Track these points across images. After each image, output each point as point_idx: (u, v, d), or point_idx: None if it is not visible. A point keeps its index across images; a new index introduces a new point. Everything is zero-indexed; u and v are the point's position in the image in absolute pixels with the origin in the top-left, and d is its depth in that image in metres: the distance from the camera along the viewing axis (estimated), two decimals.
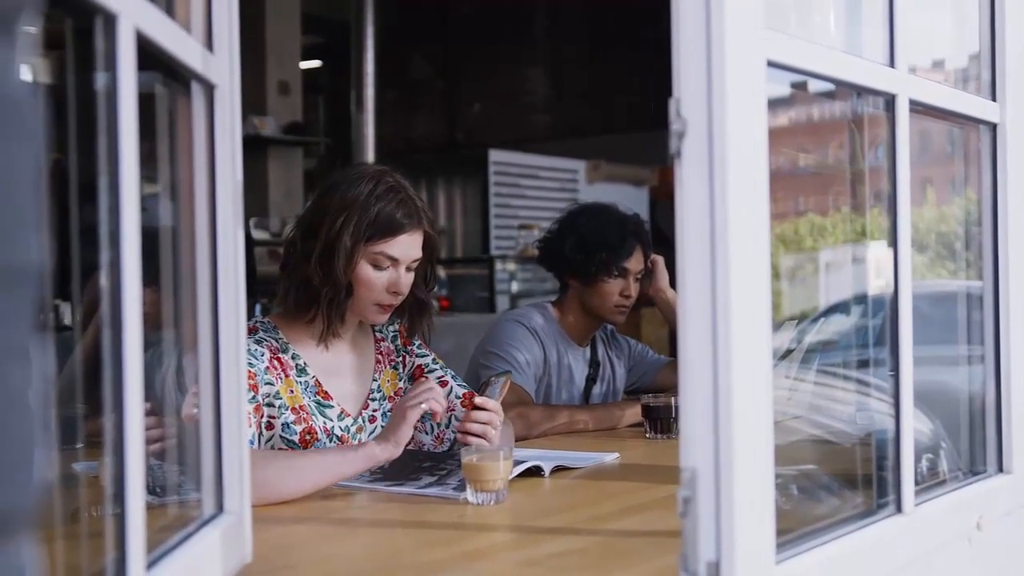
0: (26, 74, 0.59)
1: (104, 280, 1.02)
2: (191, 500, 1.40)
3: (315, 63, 10.28)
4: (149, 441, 1.35)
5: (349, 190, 2.19)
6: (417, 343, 2.46)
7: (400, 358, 2.43)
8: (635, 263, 3.02)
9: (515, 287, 7.59)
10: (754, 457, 1.19)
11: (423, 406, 2.02)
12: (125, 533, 1.00)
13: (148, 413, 1.08)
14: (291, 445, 2.17)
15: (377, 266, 2.20)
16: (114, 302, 1.00)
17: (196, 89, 1.34)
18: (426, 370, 2.43)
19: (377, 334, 2.42)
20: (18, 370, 0.56)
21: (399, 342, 2.44)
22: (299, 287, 2.21)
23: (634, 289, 3.03)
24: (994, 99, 1.80)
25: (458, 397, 2.37)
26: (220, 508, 1.37)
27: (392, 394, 2.37)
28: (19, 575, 0.57)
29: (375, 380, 2.36)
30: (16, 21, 0.57)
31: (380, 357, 2.39)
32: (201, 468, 1.37)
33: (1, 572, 0.56)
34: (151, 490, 1.24)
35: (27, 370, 0.57)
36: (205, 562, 1.27)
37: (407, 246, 2.22)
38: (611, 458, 2.37)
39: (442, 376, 2.41)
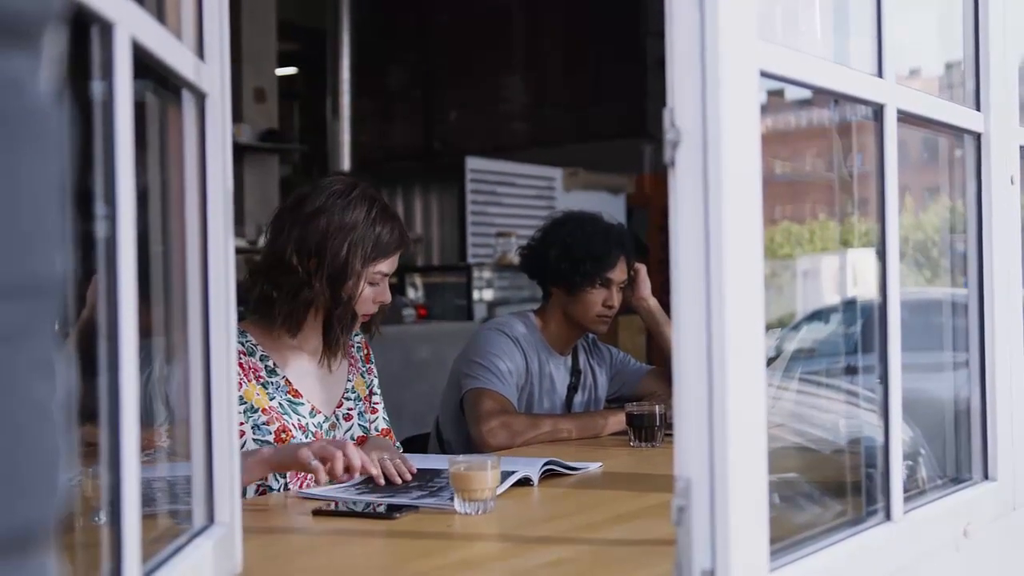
0: (50, 86, 0.59)
1: (100, 289, 1.01)
2: (180, 511, 1.39)
3: (291, 70, 10.25)
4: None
5: (346, 214, 2.26)
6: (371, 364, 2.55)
7: (366, 368, 2.52)
8: (619, 274, 3.02)
9: (493, 295, 7.58)
10: (749, 466, 1.19)
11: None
12: (121, 545, 0.99)
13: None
14: (267, 446, 2.18)
15: (372, 283, 2.31)
16: (110, 311, 0.99)
17: (187, 97, 1.33)
18: (372, 391, 2.53)
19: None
20: (43, 383, 0.56)
21: (362, 354, 2.53)
22: (303, 308, 2.27)
23: (617, 299, 3.03)
24: (978, 109, 1.82)
25: (377, 430, 2.45)
26: (211, 519, 1.36)
27: (363, 397, 2.47)
28: None
29: (349, 380, 2.44)
30: (41, 33, 0.57)
31: (352, 360, 2.47)
32: (192, 479, 1.36)
33: None
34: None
35: (51, 383, 0.57)
36: (197, 573, 1.26)
37: (396, 261, 2.35)
38: (595, 467, 2.37)
39: (378, 403, 2.52)
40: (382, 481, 2.07)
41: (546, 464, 2.20)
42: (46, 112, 0.57)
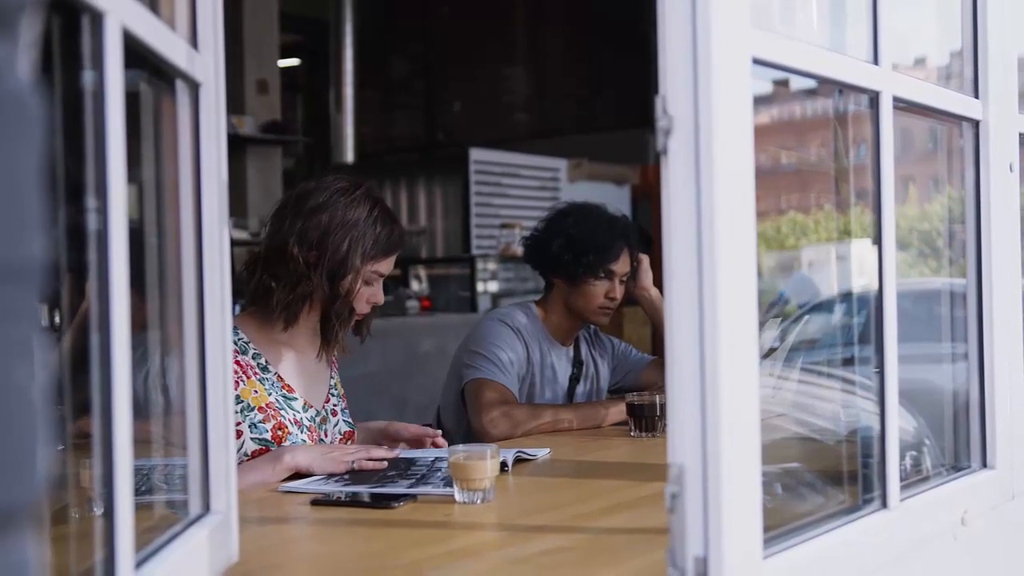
0: (28, 72, 0.59)
1: (91, 281, 1.01)
2: (176, 500, 1.39)
3: (294, 61, 10.25)
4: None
5: (348, 211, 2.29)
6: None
7: (337, 368, 2.56)
8: (622, 266, 3.02)
9: (497, 287, 7.58)
10: (741, 452, 1.19)
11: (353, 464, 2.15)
12: (113, 533, 1.00)
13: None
14: (264, 444, 2.22)
15: (367, 282, 2.33)
16: (102, 303, 1.00)
17: (181, 87, 1.33)
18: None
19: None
20: (22, 366, 0.56)
21: (336, 355, 2.55)
22: (300, 300, 2.29)
23: (619, 291, 3.03)
24: (976, 96, 1.81)
25: (340, 433, 2.45)
26: (207, 508, 1.37)
27: (342, 395, 2.51)
28: (23, 570, 0.57)
29: (332, 379, 2.48)
30: (18, 19, 0.57)
31: (333, 360, 2.51)
32: (188, 468, 1.36)
33: (6, 566, 0.56)
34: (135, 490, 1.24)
35: (31, 366, 0.57)
36: (192, 561, 1.26)
37: (392, 263, 2.38)
38: (544, 453, 2.39)
39: (344, 406, 2.54)
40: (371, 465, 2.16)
41: (516, 456, 2.25)
42: (23, 99, 0.58)
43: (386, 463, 2.16)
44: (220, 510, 1.38)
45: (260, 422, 2.24)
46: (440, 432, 2.50)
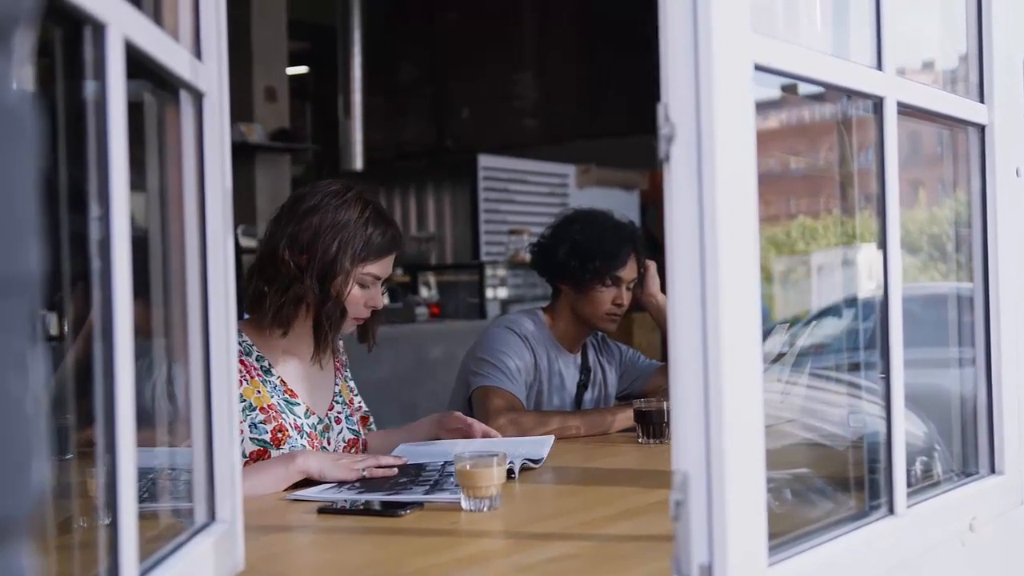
0: (23, 83, 0.59)
1: (94, 290, 1.02)
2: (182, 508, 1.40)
3: (302, 69, 10.25)
4: None
5: (339, 213, 2.30)
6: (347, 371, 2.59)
7: (347, 372, 2.56)
8: (628, 272, 3.02)
9: (506, 293, 7.58)
10: (745, 459, 1.19)
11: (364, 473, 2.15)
12: (118, 542, 1.00)
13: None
14: (263, 445, 2.24)
15: (362, 285, 2.33)
16: (105, 312, 1.00)
17: (184, 97, 1.34)
18: (354, 392, 2.57)
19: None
20: (16, 378, 0.57)
21: (345, 360, 2.57)
22: (292, 303, 2.29)
23: (626, 297, 3.02)
24: (982, 101, 1.81)
25: (344, 441, 2.45)
26: (212, 517, 1.37)
27: (348, 401, 2.51)
28: None
29: (336, 385, 2.48)
30: (13, 31, 0.57)
31: (338, 366, 2.51)
32: (193, 477, 1.37)
33: None
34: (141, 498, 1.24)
35: (25, 378, 0.58)
36: (197, 571, 1.26)
37: (389, 265, 2.37)
38: (547, 446, 2.39)
39: (362, 406, 2.56)
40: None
41: (523, 464, 2.24)
42: (19, 111, 0.58)
43: (396, 470, 2.16)
44: (225, 519, 1.38)
45: (261, 423, 2.25)
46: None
